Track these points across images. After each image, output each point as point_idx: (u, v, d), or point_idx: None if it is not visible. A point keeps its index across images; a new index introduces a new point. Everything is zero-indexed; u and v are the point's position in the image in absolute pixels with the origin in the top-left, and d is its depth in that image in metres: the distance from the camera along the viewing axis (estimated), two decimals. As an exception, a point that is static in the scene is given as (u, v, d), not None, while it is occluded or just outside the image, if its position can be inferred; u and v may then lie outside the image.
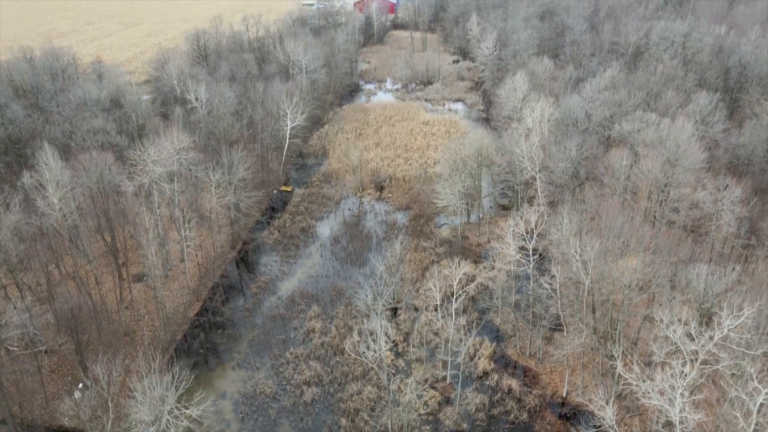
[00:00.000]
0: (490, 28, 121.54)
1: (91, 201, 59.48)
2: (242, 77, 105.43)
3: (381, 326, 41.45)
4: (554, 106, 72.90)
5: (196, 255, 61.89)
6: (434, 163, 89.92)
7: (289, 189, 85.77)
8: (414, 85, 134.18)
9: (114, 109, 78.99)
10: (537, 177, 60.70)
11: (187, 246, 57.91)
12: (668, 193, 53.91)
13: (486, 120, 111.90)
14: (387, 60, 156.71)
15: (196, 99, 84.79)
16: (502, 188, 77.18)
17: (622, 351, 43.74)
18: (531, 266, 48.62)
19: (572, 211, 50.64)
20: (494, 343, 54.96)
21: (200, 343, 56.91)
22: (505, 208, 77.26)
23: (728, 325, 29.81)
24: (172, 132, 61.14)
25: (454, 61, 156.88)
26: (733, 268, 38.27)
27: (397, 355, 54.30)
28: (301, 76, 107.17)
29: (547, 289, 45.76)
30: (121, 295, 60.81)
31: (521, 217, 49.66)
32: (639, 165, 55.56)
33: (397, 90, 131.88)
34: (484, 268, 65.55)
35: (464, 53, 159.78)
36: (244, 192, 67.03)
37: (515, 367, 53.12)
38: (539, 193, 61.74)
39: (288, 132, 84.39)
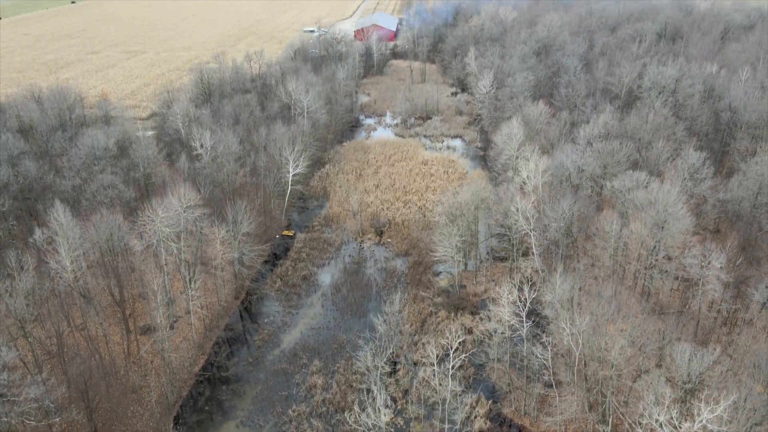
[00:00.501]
0: (488, 68, 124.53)
1: (102, 259, 61.61)
2: (245, 118, 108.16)
3: (381, 399, 43.32)
4: (548, 159, 75.31)
5: (201, 308, 63.86)
6: (433, 206, 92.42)
7: (290, 233, 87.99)
8: (413, 119, 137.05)
9: (121, 158, 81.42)
10: (531, 235, 62.97)
11: (193, 302, 59.89)
12: (657, 256, 56.15)
13: (483, 159, 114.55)
14: (387, 92, 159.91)
15: (201, 146, 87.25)
16: (498, 239, 79.29)
17: (614, 416, 45.67)
18: (525, 331, 50.63)
19: (564, 275, 52.75)
20: (490, 401, 56.80)
21: (205, 399, 58.71)
22: (502, 259, 79.33)
23: (705, 417, 31.86)
24: (179, 189, 63.42)
25: (452, 93, 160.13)
26: (714, 349, 40.32)
27: (396, 413, 56.08)
28: (303, 117, 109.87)
29: (539, 359, 47.77)
30: (128, 349, 62.75)
31: (515, 285, 51.75)
32: (629, 227, 57.87)
33: (397, 125, 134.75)
34: (481, 319, 67.53)
35: (462, 84, 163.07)
36: (248, 246, 69.18)
37: (510, 425, 54.91)
38: (534, 251, 63.94)
39: (290, 179, 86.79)
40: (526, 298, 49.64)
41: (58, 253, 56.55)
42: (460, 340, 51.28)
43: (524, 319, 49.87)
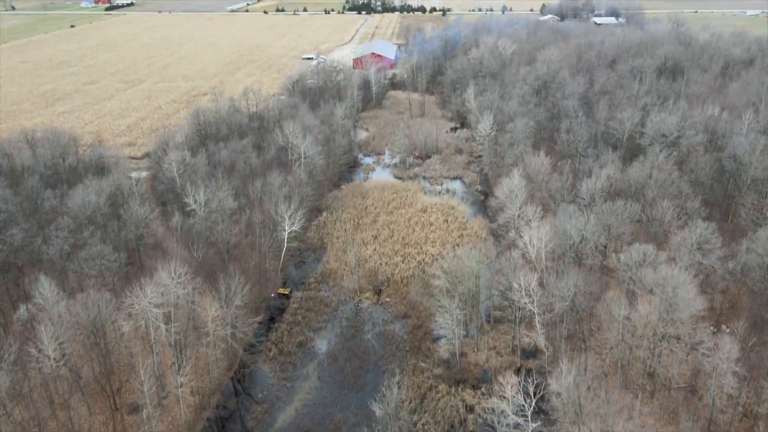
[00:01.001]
0: (488, 109, 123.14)
1: (88, 338, 59.22)
2: (241, 165, 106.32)
3: None
4: (551, 223, 73.29)
5: (191, 393, 61.25)
6: (432, 260, 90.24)
7: (286, 291, 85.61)
8: (412, 158, 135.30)
9: (113, 219, 79.25)
10: (535, 313, 60.71)
11: (182, 389, 57.34)
12: (667, 342, 53.92)
13: (483, 204, 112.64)
14: (385, 127, 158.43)
15: (195, 201, 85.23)
16: (500, 297, 76.90)
17: None
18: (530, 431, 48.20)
19: (569, 367, 50.39)
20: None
21: (195, 491, 56.02)
22: (504, 321, 76.92)
23: None
24: (169, 263, 61.19)
25: (452, 129, 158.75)
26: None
27: None
28: (300, 165, 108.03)
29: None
30: (115, 429, 60.12)
31: (519, 384, 49.38)
32: (636, 308, 55.70)
33: (395, 165, 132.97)
34: (483, 394, 65.03)
35: (462, 118, 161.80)
36: (242, 318, 66.82)
37: None
38: (538, 329, 61.63)
39: (286, 237, 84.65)
40: (531, 396, 47.22)
41: (41, 342, 54.08)
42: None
43: (529, 419, 47.41)
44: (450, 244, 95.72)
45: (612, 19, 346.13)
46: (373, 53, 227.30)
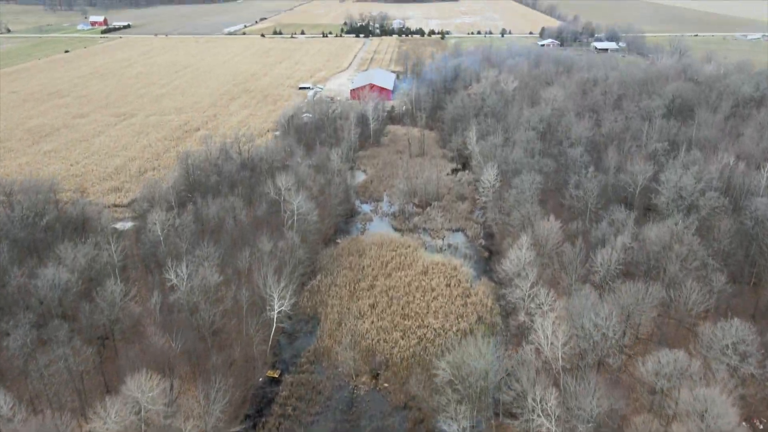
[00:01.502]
0: (491, 160, 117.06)
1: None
2: (230, 223, 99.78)
3: None
4: (566, 318, 66.54)
5: None
6: (434, 336, 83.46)
7: (276, 375, 78.40)
8: (412, 206, 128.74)
9: (85, 302, 72.27)
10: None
11: None
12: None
13: (487, 261, 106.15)
14: (384, 169, 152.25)
15: (177, 275, 78.43)
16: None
17: None
18: None
19: None
20: None
21: None
22: (513, 416, 69.74)
23: None
24: (138, 377, 54.15)
25: (453, 170, 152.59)
26: None
27: None
28: (293, 220, 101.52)
29: None
30: None
31: None
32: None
33: (394, 215, 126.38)
34: None
35: (463, 159, 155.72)
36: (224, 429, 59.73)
37: None
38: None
39: (275, 316, 77.70)
40: None
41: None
42: None
43: None
44: (453, 314, 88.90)
45: (612, 44, 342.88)
46: (371, 84, 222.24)
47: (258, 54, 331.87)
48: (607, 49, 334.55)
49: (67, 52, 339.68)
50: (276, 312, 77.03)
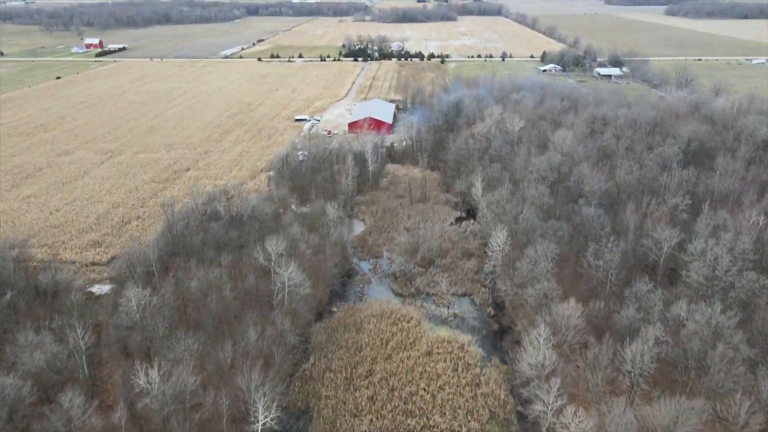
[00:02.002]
0: (501, 223, 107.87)
1: None
2: (213, 302, 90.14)
3: None
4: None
5: None
6: (441, 440, 73.54)
7: (260, 493, 68.27)
8: (413, 266, 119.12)
9: (36, 421, 62.35)
10: None
11: None
12: None
13: (499, 336, 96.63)
14: (383, 218, 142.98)
15: (147, 377, 68.61)
16: None
17: None
18: None
19: None
20: None
21: None
22: None
23: None
24: None
25: (457, 219, 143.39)
26: None
27: None
28: (284, 293, 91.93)
29: None
30: None
31: None
32: None
33: (395, 276, 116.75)
34: None
35: (467, 205, 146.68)
36: None
37: None
38: None
39: (260, 429, 67.58)
40: None
41: None
42: None
43: None
44: (462, 410, 78.94)
45: (616, 70, 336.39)
46: (369, 117, 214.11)
47: (254, 80, 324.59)
48: (610, 76, 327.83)
49: (58, 78, 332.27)
50: (261, 424, 66.96)
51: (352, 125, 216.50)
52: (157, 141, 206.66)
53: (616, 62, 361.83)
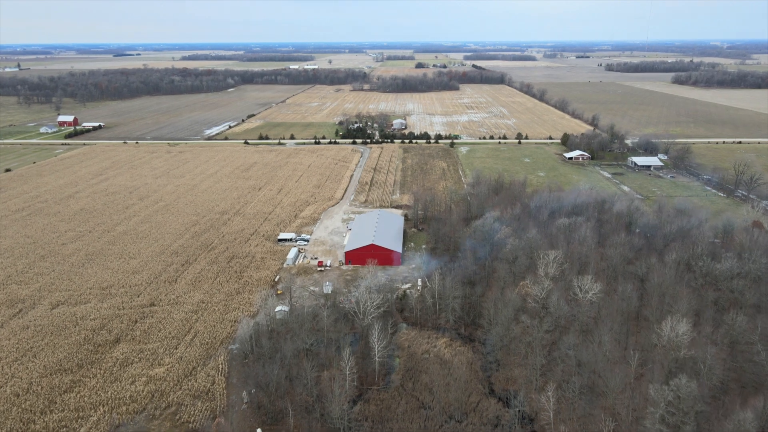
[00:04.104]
0: None
1: None
2: None
3: None
4: None
5: None
6: None
7: None
8: None
9: None
10: None
11: None
12: None
13: None
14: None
15: None
16: None
17: None
18: None
19: None
20: None
21: None
22: None
23: None
24: None
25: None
26: None
27: None
28: None
29: None
30: None
31: None
32: None
33: None
34: None
35: (521, 415, 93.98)
36: None
37: None
38: None
39: None
40: None
41: None
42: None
43: None
44: None
45: (654, 160, 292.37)
46: (372, 246, 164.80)
47: (236, 174, 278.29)
48: (650, 167, 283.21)
49: (8, 171, 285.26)
50: None
51: (351, 255, 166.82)
52: (92, 280, 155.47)
53: (649, 147, 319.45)
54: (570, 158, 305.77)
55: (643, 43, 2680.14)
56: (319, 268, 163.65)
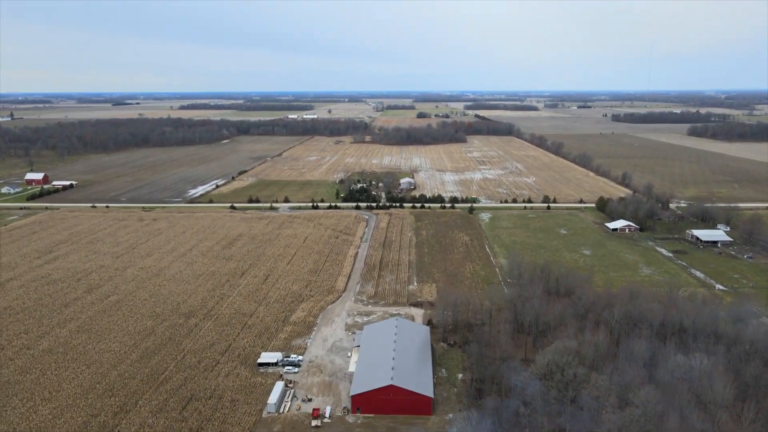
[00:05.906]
0: None
1: None
2: None
3: None
4: None
5: None
6: None
7: None
8: None
9: None
10: None
11: None
12: None
13: None
14: None
15: None
16: None
17: None
18: None
19: None
20: None
21: None
22: None
23: None
24: None
25: None
26: None
27: None
28: None
29: None
30: None
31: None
32: None
33: None
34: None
35: None
36: None
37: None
38: None
39: None
40: None
41: None
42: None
43: None
44: None
45: (719, 233, 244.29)
46: (392, 387, 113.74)
47: (215, 251, 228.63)
48: (716, 243, 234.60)
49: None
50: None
51: (361, 400, 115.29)
52: (21, 413, 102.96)
53: (704, 215, 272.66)
54: (614, 229, 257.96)
55: (641, 93, 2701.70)
56: (314, 421, 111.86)
